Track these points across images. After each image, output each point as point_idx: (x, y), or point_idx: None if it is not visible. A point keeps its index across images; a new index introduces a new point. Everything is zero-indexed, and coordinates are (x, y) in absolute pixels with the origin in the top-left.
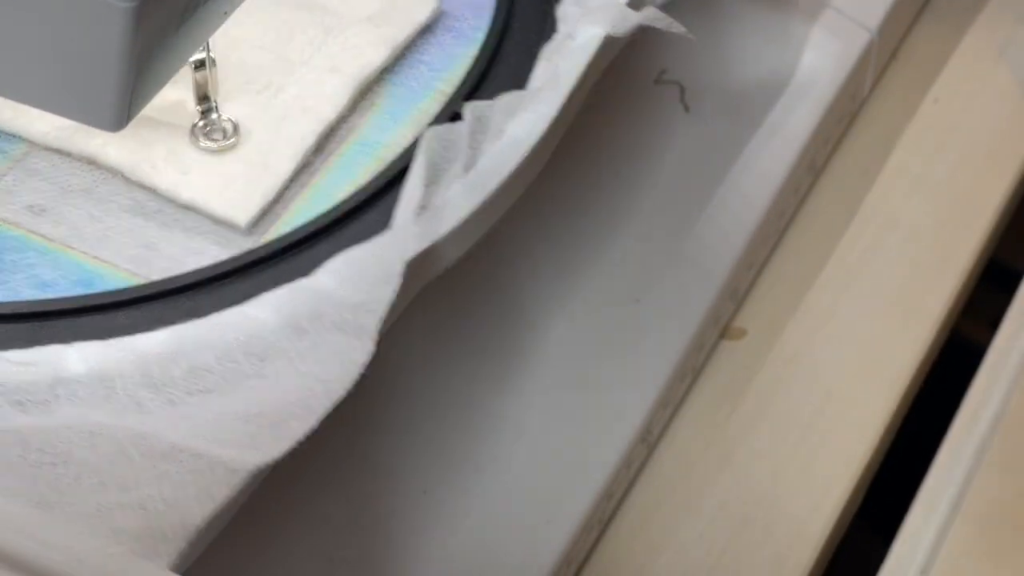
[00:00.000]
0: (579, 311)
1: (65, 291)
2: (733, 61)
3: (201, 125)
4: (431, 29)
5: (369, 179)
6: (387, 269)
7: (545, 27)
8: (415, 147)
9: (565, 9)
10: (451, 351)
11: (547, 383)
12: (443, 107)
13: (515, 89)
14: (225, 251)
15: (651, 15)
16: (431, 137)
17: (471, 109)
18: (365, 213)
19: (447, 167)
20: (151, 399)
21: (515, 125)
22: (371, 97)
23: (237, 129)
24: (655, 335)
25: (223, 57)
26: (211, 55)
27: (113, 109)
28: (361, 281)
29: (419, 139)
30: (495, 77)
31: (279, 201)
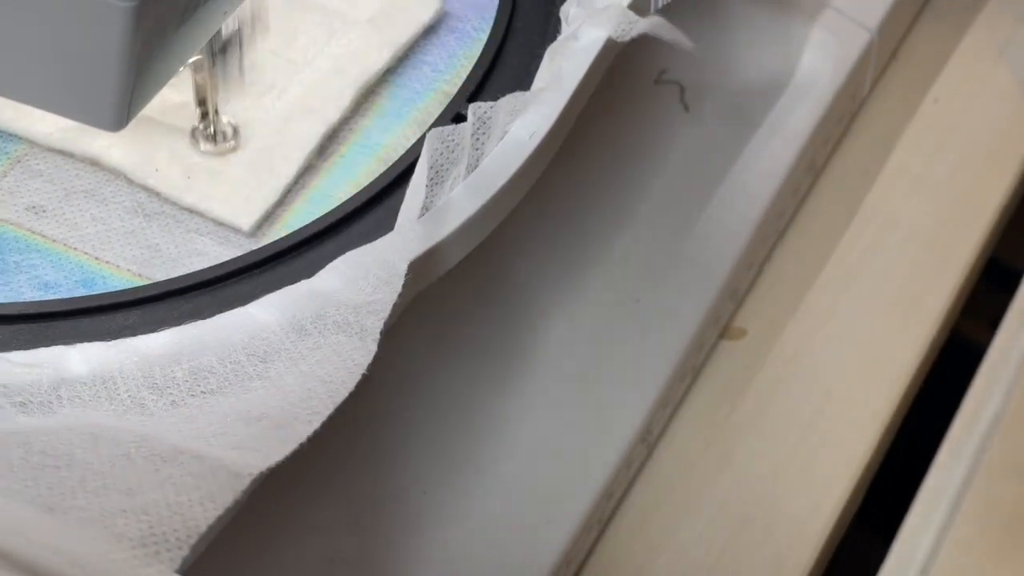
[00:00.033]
0: (579, 311)
1: (67, 292)
2: (733, 61)
3: (201, 128)
4: (434, 30)
5: (371, 180)
6: (390, 270)
7: (548, 28)
8: (418, 148)
9: (569, 10)
10: (451, 351)
11: (547, 383)
12: (446, 108)
13: (518, 90)
14: (227, 252)
15: (656, 24)
16: (434, 138)
17: (474, 110)
18: (368, 214)
19: (450, 168)
20: (154, 400)
21: (518, 126)
22: (373, 98)
23: (237, 132)
24: (655, 335)
25: None
26: (211, 56)
27: (113, 109)
28: (364, 282)
29: (422, 140)
30: (498, 78)
31: (281, 203)
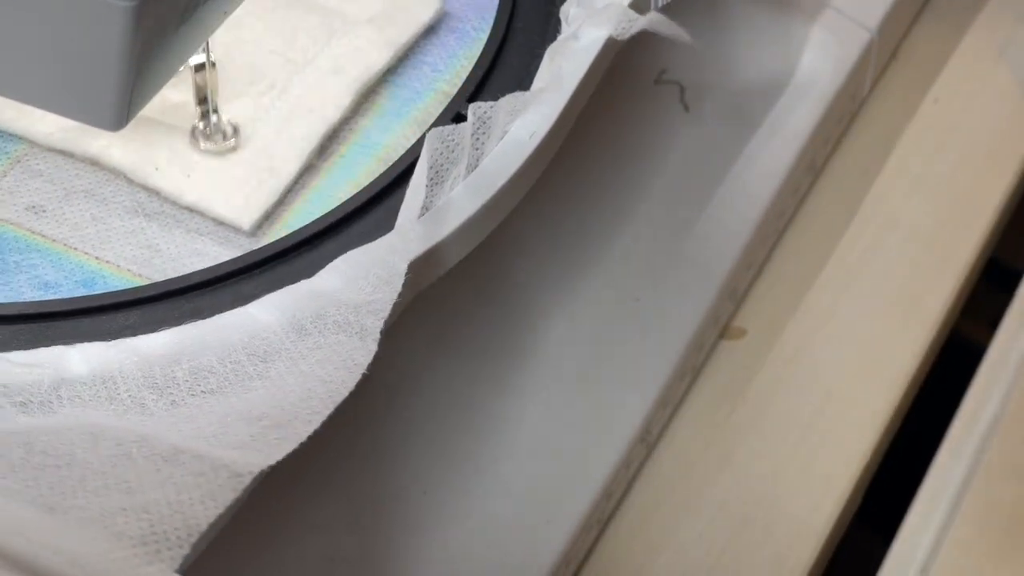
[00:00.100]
0: (579, 311)
1: (67, 292)
2: (733, 61)
3: (201, 127)
4: (434, 30)
5: (370, 180)
6: (390, 270)
7: (548, 28)
8: (418, 148)
9: (569, 10)
10: (451, 351)
11: (547, 383)
12: (446, 108)
13: (518, 90)
14: (227, 252)
15: (656, 20)
16: (434, 138)
17: (474, 110)
18: (368, 214)
19: (450, 168)
20: (154, 400)
21: (518, 126)
22: (373, 98)
23: (237, 131)
24: (655, 335)
25: (227, 58)
26: (211, 57)
27: (113, 109)
28: (364, 282)
29: (422, 140)
30: (498, 78)
31: (281, 202)
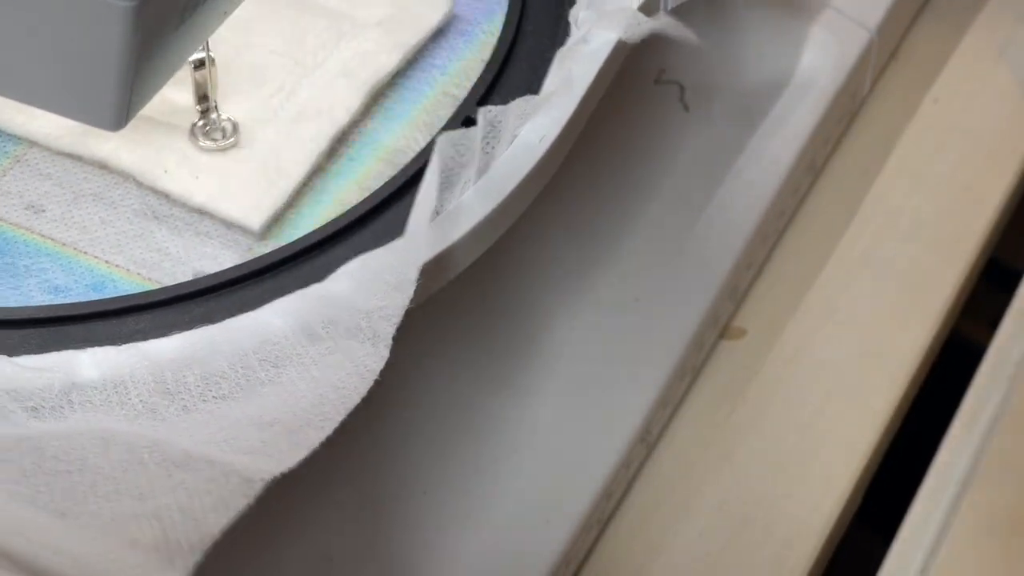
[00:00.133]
0: (579, 311)
1: (78, 296)
2: (733, 61)
3: (200, 124)
4: (443, 33)
5: (377, 182)
6: (401, 275)
7: (558, 31)
8: (428, 152)
9: (578, 14)
10: (451, 351)
11: (547, 383)
12: (455, 111)
13: (528, 93)
14: (237, 255)
15: (665, 23)
16: (444, 142)
17: (484, 114)
18: (379, 218)
19: (460, 172)
20: (165, 405)
21: (528, 130)
22: (381, 100)
23: (237, 128)
24: (655, 335)
25: (235, 60)
26: (210, 55)
27: (113, 109)
28: (375, 287)
29: (432, 144)
30: (508, 82)
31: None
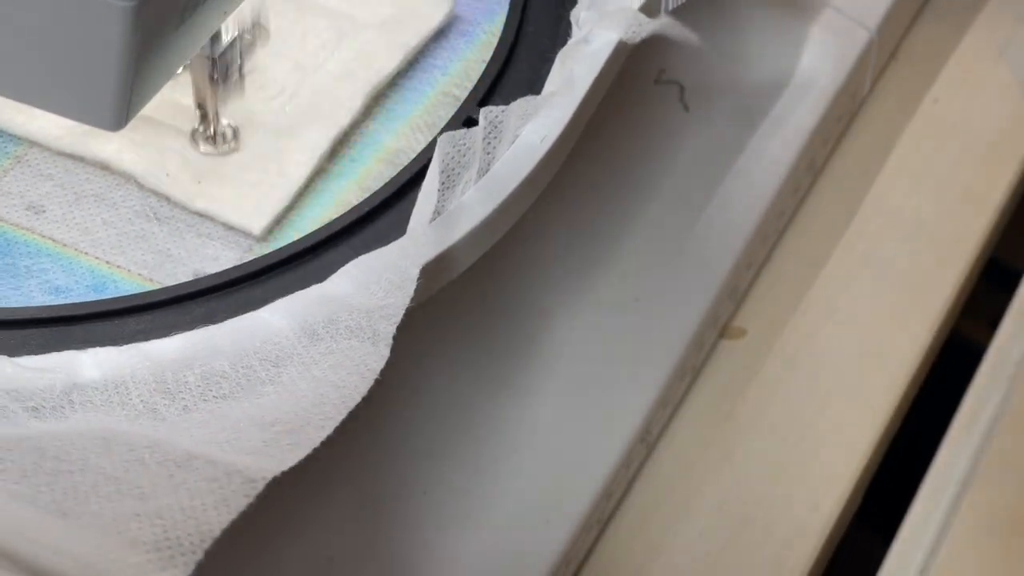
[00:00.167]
0: (579, 311)
1: (78, 296)
2: (733, 61)
3: (201, 130)
4: (444, 33)
5: (378, 183)
6: (402, 275)
7: (559, 31)
8: (429, 152)
9: (579, 14)
10: (451, 351)
11: (546, 383)
12: (457, 112)
13: (529, 94)
14: (238, 256)
15: (666, 24)
16: (445, 142)
17: (485, 114)
18: (380, 218)
19: (461, 172)
20: (166, 405)
21: (529, 130)
22: (383, 101)
23: (237, 134)
24: (655, 335)
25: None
26: (211, 59)
27: (112, 109)
28: (376, 287)
29: (434, 144)
30: (509, 82)
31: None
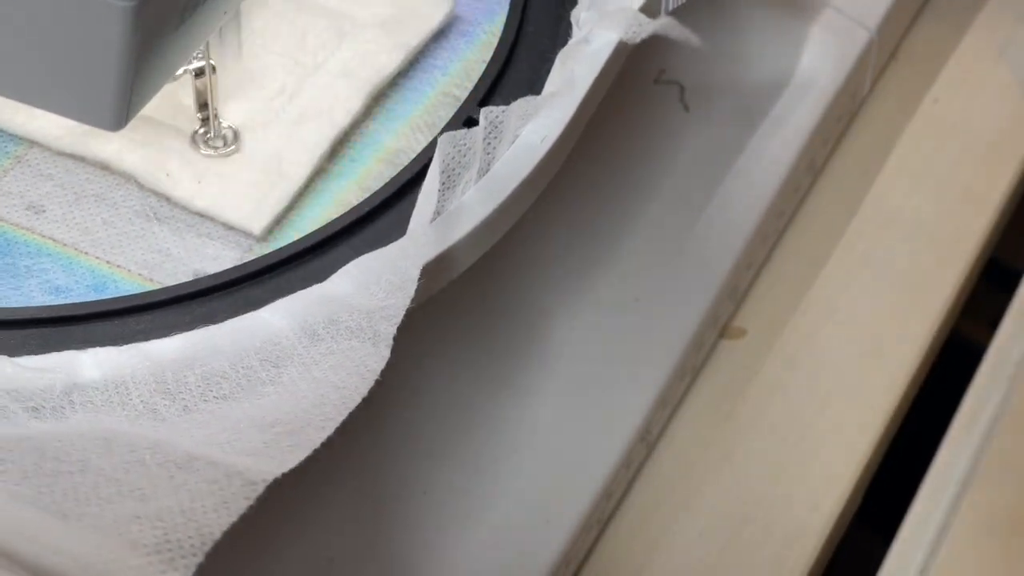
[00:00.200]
0: (579, 311)
1: (79, 296)
2: (733, 61)
3: (201, 132)
4: (444, 33)
5: (378, 182)
6: (403, 275)
7: (559, 32)
8: (430, 152)
9: (579, 14)
10: (451, 351)
11: (546, 383)
12: (457, 112)
13: (529, 94)
14: (239, 256)
15: (667, 24)
16: (446, 142)
17: (486, 114)
18: (380, 218)
19: (462, 172)
20: (166, 406)
21: (529, 130)
22: (383, 101)
23: (238, 136)
24: (655, 335)
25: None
26: (211, 63)
27: (112, 109)
28: (376, 287)
29: (434, 144)
30: (509, 82)
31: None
